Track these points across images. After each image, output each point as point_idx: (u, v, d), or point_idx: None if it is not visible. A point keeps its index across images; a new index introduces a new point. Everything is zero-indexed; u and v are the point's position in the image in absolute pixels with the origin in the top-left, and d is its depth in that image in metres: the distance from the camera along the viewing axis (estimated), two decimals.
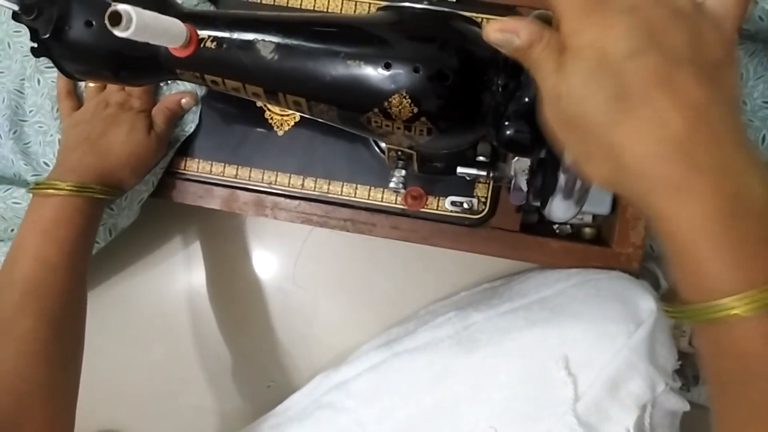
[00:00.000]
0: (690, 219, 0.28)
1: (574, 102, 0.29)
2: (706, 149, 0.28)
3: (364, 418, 0.52)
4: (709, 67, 0.29)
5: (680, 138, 0.28)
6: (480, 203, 0.54)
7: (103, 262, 0.66)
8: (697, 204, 0.28)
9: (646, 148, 0.28)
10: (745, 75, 0.54)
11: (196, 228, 0.68)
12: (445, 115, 0.39)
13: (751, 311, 0.27)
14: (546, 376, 0.47)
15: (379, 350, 0.56)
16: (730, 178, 0.27)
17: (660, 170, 0.28)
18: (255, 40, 0.41)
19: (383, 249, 0.66)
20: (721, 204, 0.27)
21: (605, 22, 0.29)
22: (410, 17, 0.40)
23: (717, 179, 0.27)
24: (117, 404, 0.69)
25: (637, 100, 0.28)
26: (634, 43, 0.29)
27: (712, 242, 0.27)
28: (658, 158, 0.28)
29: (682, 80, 0.28)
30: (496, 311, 0.53)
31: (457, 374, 0.50)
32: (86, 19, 0.42)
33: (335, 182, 0.56)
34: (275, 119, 0.57)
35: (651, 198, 0.29)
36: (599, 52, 0.29)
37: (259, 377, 0.67)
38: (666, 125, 0.28)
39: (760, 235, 0.27)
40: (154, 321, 0.68)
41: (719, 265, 0.28)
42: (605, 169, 0.30)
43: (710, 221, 0.27)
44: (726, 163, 0.28)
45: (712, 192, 0.27)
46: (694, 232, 0.28)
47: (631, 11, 0.29)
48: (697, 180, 0.27)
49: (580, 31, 0.29)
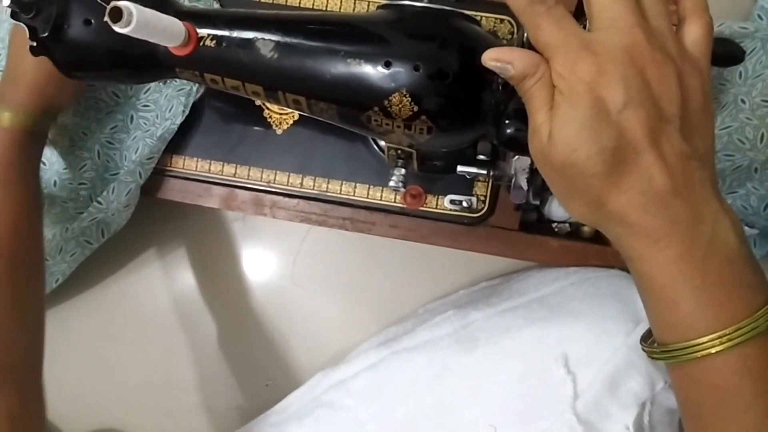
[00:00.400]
0: (666, 264, 0.30)
1: (565, 150, 0.30)
2: (683, 202, 0.30)
3: (363, 417, 0.52)
4: (692, 118, 0.31)
5: (662, 192, 0.29)
6: (479, 202, 0.54)
7: (100, 262, 0.66)
8: (673, 251, 0.30)
9: (630, 198, 0.30)
10: (743, 73, 0.54)
11: (194, 228, 0.68)
12: (445, 113, 0.39)
13: (727, 349, 0.29)
14: (545, 375, 0.47)
15: (378, 349, 0.57)
16: (704, 226, 0.30)
17: (641, 220, 0.30)
18: (254, 38, 0.41)
19: (382, 248, 0.66)
20: (695, 251, 0.29)
21: (600, 68, 0.29)
22: (410, 15, 0.40)
23: (693, 228, 0.30)
24: (115, 403, 0.68)
25: (629, 153, 0.29)
26: (631, 94, 0.29)
27: (688, 285, 0.30)
28: (640, 209, 0.30)
29: (668, 135, 0.30)
30: (495, 310, 0.54)
31: (456, 373, 0.50)
32: (85, 17, 0.41)
33: (334, 181, 0.56)
34: (274, 118, 0.57)
35: (629, 242, 0.31)
36: (596, 102, 0.29)
37: (258, 376, 0.67)
38: (651, 179, 0.29)
39: (731, 277, 0.30)
40: (151, 320, 0.68)
41: (695, 305, 0.30)
42: (585, 209, 0.32)
43: (686, 266, 0.30)
44: (700, 213, 0.30)
45: (687, 241, 0.29)
46: (671, 276, 0.30)
47: (625, 57, 0.29)
48: (674, 230, 0.29)
49: (574, 75, 0.30)
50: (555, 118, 0.30)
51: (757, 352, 0.29)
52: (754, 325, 0.29)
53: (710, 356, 0.29)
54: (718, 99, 0.56)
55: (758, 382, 0.29)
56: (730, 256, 0.30)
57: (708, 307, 0.29)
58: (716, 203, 0.30)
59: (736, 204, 0.55)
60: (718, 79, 0.55)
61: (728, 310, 0.29)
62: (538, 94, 0.31)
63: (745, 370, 0.29)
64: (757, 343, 0.29)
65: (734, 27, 0.53)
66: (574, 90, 0.29)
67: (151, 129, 0.58)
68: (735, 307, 0.29)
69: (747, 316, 0.29)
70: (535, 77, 0.31)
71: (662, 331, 0.32)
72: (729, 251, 0.30)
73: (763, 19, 0.56)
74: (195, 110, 0.57)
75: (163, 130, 0.55)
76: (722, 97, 0.56)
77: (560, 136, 0.30)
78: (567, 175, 0.31)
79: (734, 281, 0.30)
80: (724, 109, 0.55)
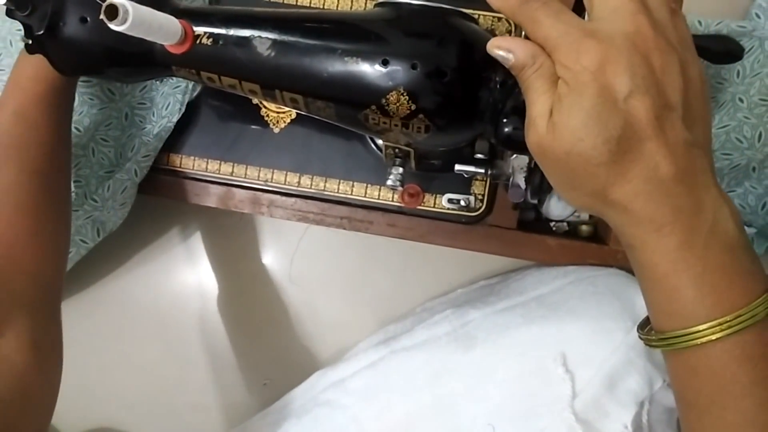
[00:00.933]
0: (668, 252, 0.30)
1: (571, 140, 0.30)
2: (686, 190, 0.30)
3: (361, 416, 0.52)
4: (693, 106, 0.31)
5: (666, 180, 0.30)
6: (477, 201, 0.54)
7: (99, 261, 0.66)
8: (676, 238, 0.30)
9: (635, 187, 0.30)
10: (741, 72, 0.54)
11: (191, 226, 0.68)
12: (442, 112, 0.39)
13: (726, 336, 0.29)
14: (544, 374, 0.47)
15: (376, 348, 0.56)
16: (705, 213, 0.30)
17: (645, 208, 0.30)
18: (251, 36, 0.41)
19: (380, 247, 0.66)
20: (697, 239, 0.30)
21: (605, 56, 0.29)
22: (408, 13, 0.40)
23: (694, 216, 0.30)
24: (114, 402, 0.68)
25: (634, 141, 0.30)
26: (636, 81, 0.29)
27: (690, 272, 0.30)
28: (645, 197, 0.30)
29: (672, 123, 0.30)
30: (493, 309, 0.53)
31: (454, 372, 0.50)
32: (81, 15, 0.41)
33: (332, 180, 0.56)
34: (271, 116, 0.56)
35: (631, 230, 0.31)
36: (602, 91, 0.29)
37: (256, 375, 0.67)
38: (657, 167, 0.30)
39: (732, 265, 0.30)
40: (150, 319, 0.68)
41: (695, 292, 0.30)
42: (587, 198, 0.32)
43: (687, 253, 0.30)
44: (702, 201, 0.30)
45: (689, 229, 0.30)
46: (673, 264, 0.30)
47: (629, 45, 0.29)
48: (677, 218, 0.30)
49: (579, 65, 0.30)
50: (561, 109, 0.30)
51: (755, 338, 0.30)
52: (754, 312, 0.29)
53: (710, 343, 0.29)
54: (716, 98, 0.56)
55: (756, 368, 0.30)
56: (730, 244, 0.30)
57: (708, 295, 0.30)
58: (716, 191, 0.31)
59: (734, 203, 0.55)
60: (716, 78, 0.55)
61: (728, 297, 0.30)
62: (536, 84, 0.31)
63: (744, 357, 0.29)
64: (755, 331, 0.29)
65: (732, 26, 0.53)
66: (579, 80, 0.29)
67: (147, 127, 0.57)
68: (735, 294, 0.30)
69: (747, 304, 0.29)
70: (533, 67, 0.31)
71: (662, 320, 0.32)
72: (729, 239, 0.30)
73: (760, 17, 0.56)
74: (192, 108, 0.57)
75: (160, 128, 0.55)
76: (720, 95, 0.56)
77: (566, 126, 0.30)
78: (570, 165, 0.31)
79: (734, 269, 0.30)
80: (722, 107, 0.55)
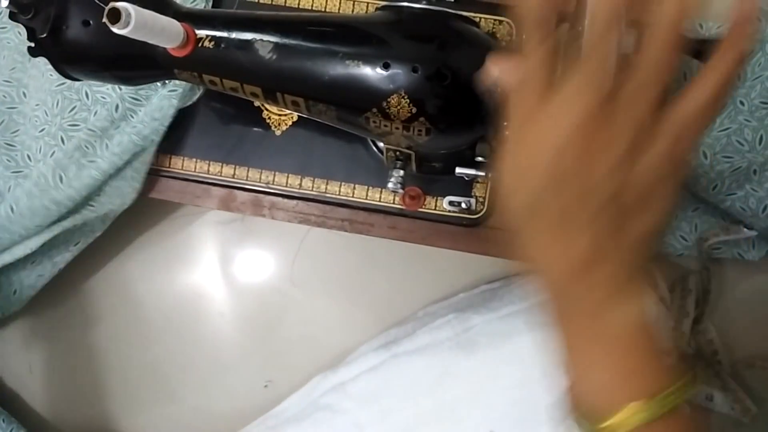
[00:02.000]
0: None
1: (505, 190, 0.32)
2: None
3: (362, 420, 0.52)
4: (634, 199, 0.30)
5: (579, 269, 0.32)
6: (478, 203, 0.54)
7: (99, 263, 0.66)
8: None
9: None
10: (742, 75, 0.54)
11: (192, 228, 0.68)
12: (443, 115, 0.39)
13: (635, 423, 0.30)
14: (546, 380, 0.47)
15: (377, 352, 0.56)
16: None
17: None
18: (253, 39, 0.41)
19: (381, 249, 0.65)
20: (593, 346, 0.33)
21: (533, 149, 0.30)
22: (409, 17, 0.40)
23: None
24: (114, 403, 0.68)
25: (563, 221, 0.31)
26: (550, 183, 0.30)
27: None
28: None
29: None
30: (496, 314, 0.53)
31: (456, 377, 0.50)
32: (83, 18, 0.41)
33: (333, 182, 0.56)
34: (273, 119, 0.56)
35: None
36: (525, 167, 0.30)
37: (256, 378, 0.67)
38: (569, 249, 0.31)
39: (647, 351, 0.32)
40: (150, 321, 0.68)
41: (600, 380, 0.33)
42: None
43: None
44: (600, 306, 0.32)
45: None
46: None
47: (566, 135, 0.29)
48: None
49: (513, 143, 0.31)
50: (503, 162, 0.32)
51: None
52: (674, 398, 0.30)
53: None
54: None
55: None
56: (625, 340, 0.32)
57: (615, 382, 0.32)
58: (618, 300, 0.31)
59: (735, 206, 0.55)
60: None
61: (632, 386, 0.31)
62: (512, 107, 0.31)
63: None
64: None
65: None
66: (514, 152, 0.31)
67: (138, 126, 0.56)
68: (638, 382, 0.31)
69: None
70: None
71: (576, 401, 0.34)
72: (625, 336, 0.32)
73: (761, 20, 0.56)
74: (193, 111, 0.56)
75: (150, 129, 0.54)
76: None
77: (503, 175, 0.32)
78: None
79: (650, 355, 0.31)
80: (723, 111, 0.55)
